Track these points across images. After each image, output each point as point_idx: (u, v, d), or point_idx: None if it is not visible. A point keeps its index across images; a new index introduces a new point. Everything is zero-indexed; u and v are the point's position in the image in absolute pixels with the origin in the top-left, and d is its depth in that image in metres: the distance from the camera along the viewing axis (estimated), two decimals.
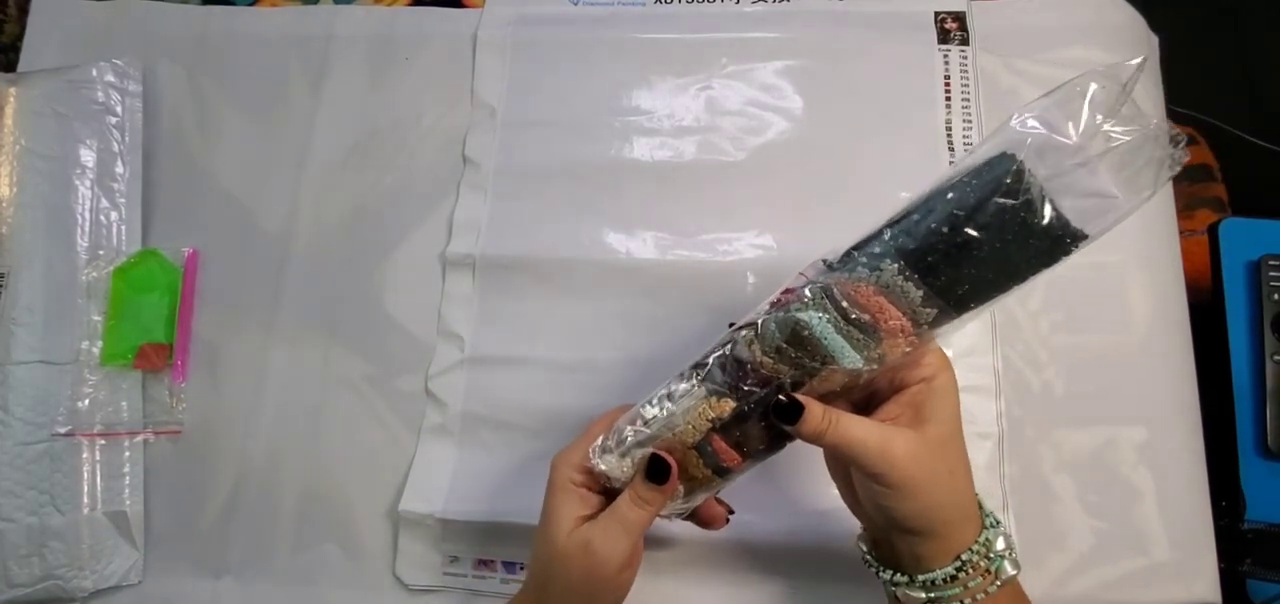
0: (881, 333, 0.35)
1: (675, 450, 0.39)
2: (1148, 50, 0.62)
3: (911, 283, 0.34)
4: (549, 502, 0.41)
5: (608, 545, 0.38)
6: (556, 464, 0.41)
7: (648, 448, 0.39)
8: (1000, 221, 0.33)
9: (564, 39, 0.65)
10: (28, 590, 0.54)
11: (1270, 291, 0.59)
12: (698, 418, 0.38)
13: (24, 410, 0.56)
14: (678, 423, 0.38)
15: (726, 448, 0.38)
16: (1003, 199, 0.32)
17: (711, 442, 0.38)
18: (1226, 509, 0.55)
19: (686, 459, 0.39)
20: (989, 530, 0.37)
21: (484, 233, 0.60)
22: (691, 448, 0.39)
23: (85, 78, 0.63)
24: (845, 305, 0.35)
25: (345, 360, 0.59)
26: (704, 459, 0.39)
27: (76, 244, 0.60)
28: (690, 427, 0.38)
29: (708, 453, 0.39)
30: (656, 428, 0.39)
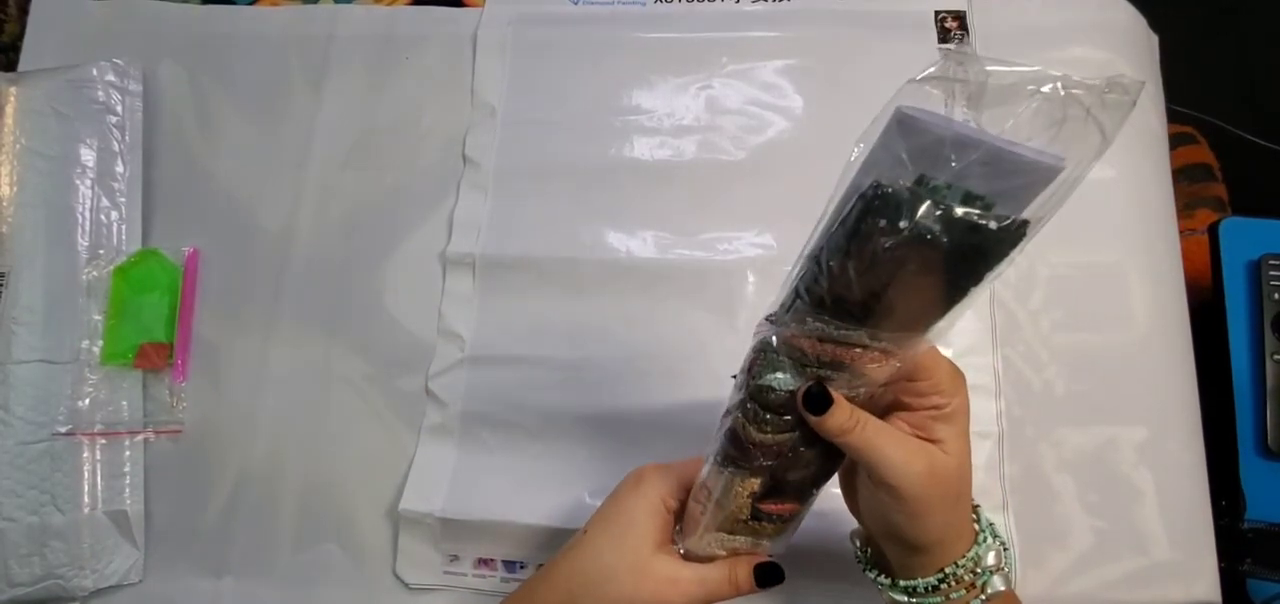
0: (848, 366, 0.33)
1: (737, 526, 0.38)
2: (1148, 50, 0.62)
3: (844, 326, 0.32)
4: (633, 506, 0.39)
5: (692, 594, 0.38)
6: (651, 477, 0.40)
7: (715, 534, 0.39)
8: (898, 254, 0.28)
9: (564, 39, 0.65)
10: (28, 589, 0.54)
11: (1270, 291, 0.59)
12: (738, 499, 0.37)
13: (25, 410, 0.56)
14: (727, 506, 0.37)
15: (779, 506, 0.38)
16: (888, 235, 0.28)
17: (762, 507, 0.38)
18: (1226, 509, 0.55)
19: (752, 527, 0.39)
20: (980, 546, 0.36)
21: (484, 232, 0.60)
22: (749, 520, 0.38)
23: (86, 77, 0.63)
24: (801, 352, 0.33)
25: (345, 360, 0.59)
26: (768, 521, 0.38)
27: (77, 243, 0.60)
28: (738, 507, 0.37)
29: (765, 517, 0.38)
30: (711, 517, 0.38)
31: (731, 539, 0.39)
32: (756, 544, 0.39)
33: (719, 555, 0.39)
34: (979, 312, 0.56)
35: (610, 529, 0.39)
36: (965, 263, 0.29)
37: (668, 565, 0.38)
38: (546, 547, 0.54)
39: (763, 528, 0.39)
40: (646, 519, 0.39)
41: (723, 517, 0.38)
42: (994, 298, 0.56)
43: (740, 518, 0.38)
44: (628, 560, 0.38)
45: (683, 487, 0.40)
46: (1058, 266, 0.57)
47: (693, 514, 0.39)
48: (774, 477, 0.37)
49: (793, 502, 0.38)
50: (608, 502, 0.41)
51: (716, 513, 0.38)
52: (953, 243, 0.27)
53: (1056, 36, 0.62)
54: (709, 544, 0.39)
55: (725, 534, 0.39)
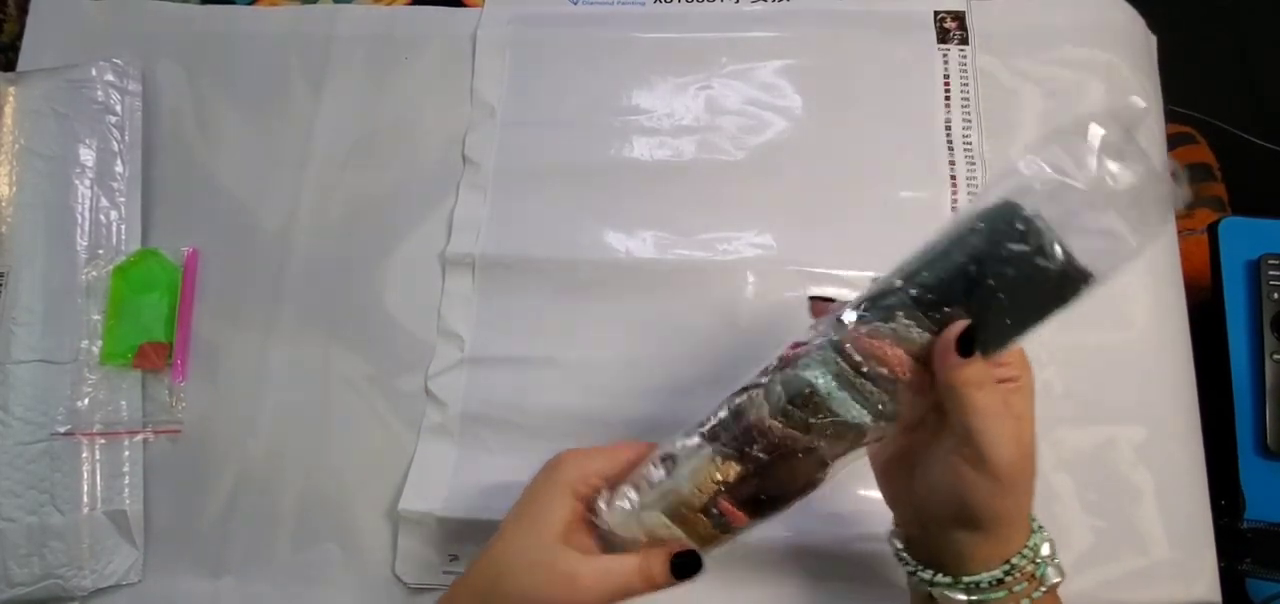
0: (897, 384, 0.34)
1: (682, 513, 0.37)
2: (1147, 50, 0.62)
3: (927, 333, 0.34)
4: (543, 494, 0.38)
5: (593, 591, 0.36)
6: (566, 462, 0.38)
7: (655, 512, 0.37)
8: (1013, 268, 0.33)
9: (564, 39, 0.65)
10: (28, 589, 0.54)
11: (1270, 291, 0.59)
12: (704, 481, 0.36)
13: (24, 410, 0.56)
14: (684, 486, 0.36)
15: (733, 510, 0.37)
16: (1015, 245, 0.33)
17: (718, 504, 0.37)
18: (1226, 508, 0.55)
19: (694, 521, 0.37)
20: (1037, 534, 0.36)
21: (484, 232, 0.60)
22: (699, 511, 0.37)
23: (85, 77, 0.63)
24: (857, 358, 0.34)
25: (345, 360, 0.59)
26: (712, 521, 0.37)
27: (76, 243, 0.60)
28: (696, 490, 0.36)
29: (715, 515, 0.37)
30: (662, 492, 0.37)
31: (665, 526, 0.37)
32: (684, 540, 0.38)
33: (638, 540, 0.37)
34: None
35: (521, 520, 0.38)
36: (1052, 294, 0.34)
37: (569, 561, 0.36)
38: None
39: (705, 527, 0.37)
40: (555, 507, 0.37)
41: (674, 498, 0.37)
42: None
43: (692, 506, 0.37)
44: (531, 555, 0.36)
45: (601, 474, 0.38)
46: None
47: (637, 483, 0.38)
48: (753, 473, 0.36)
49: (750, 513, 0.37)
50: (525, 489, 0.39)
51: (669, 491, 0.37)
52: (1057, 270, 0.33)
53: (1056, 36, 0.62)
54: (637, 523, 0.37)
55: (662, 519, 0.37)
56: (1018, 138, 0.60)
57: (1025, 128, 0.60)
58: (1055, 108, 0.60)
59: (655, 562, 0.36)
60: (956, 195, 0.59)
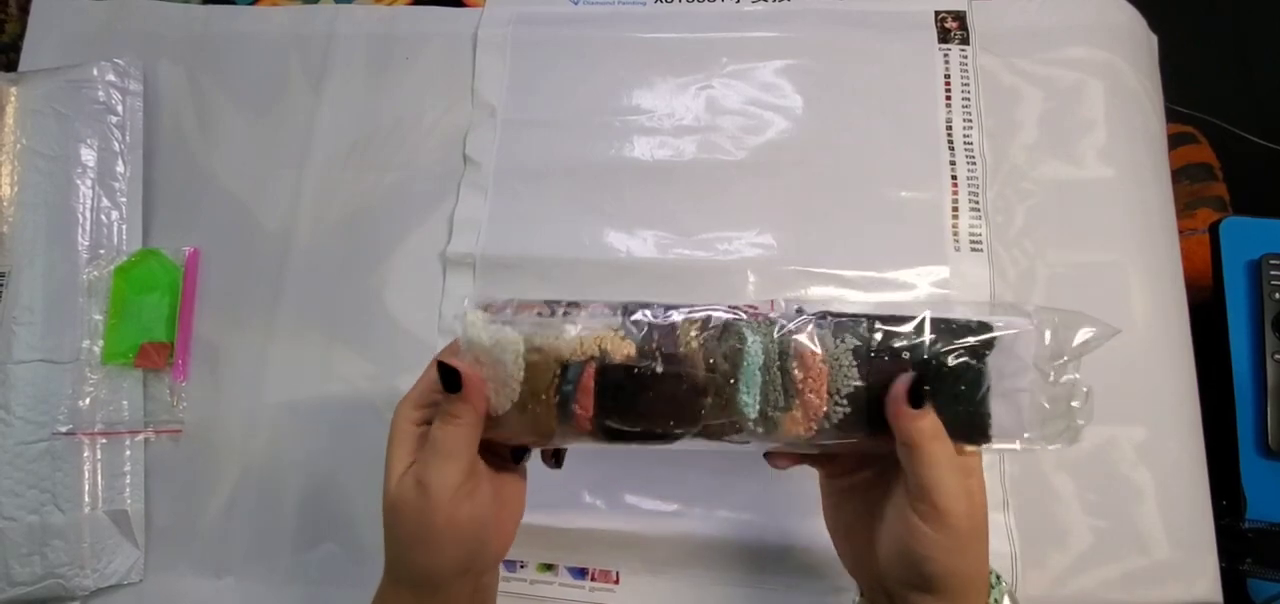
0: (797, 397, 0.35)
1: (542, 359, 0.35)
2: (1148, 50, 0.62)
3: (854, 373, 0.35)
4: (387, 455, 0.36)
5: (437, 477, 0.34)
6: (396, 411, 0.37)
7: (514, 332, 0.35)
8: (953, 385, 0.35)
9: (564, 38, 0.65)
10: (29, 589, 0.54)
11: (1271, 291, 0.59)
12: (589, 340, 0.35)
13: (25, 409, 0.56)
14: (565, 331, 0.35)
15: (588, 392, 0.35)
16: (962, 372, 0.35)
17: (582, 373, 0.34)
18: (1227, 508, 0.55)
19: (544, 374, 0.35)
20: (995, 589, 0.36)
21: (484, 232, 0.60)
22: (557, 369, 0.34)
23: (86, 77, 0.63)
24: (787, 349, 0.35)
25: (346, 359, 0.59)
26: (560, 387, 0.35)
27: (77, 243, 0.60)
28: (576, 344, 0.34)
29: (567, 389, 0.35)
30: (541, 324, 0.35)
31: (514, 351, 0.35)
32: (531, 425, 0.36)
33: (477, 360, 0.35)
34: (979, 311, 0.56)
35: (382, 488, 0.36)
36: (963, 428, 0.36)
37: (409, 477, 0.35)
38: (546, 546, 0.54)
39: (546, 389, 0.35)
40: (393, 455, 0.36)
41: (546, 335, 0.35)
42: (994, 297, 0.56)
43: (556, 355, 0.35)
44: (389, 498, 0.35)
45: (425, 397, 0.37)
46: (1058, 266, 0.57)
47: (524, 314, 0.36)
48: (634, 373, 0.34)
49: (597, 410, 0.35)
50: None
51: (548, 326, 0.35)
52: (976, 405, 0.36)
53: (1056, 36, 0.62)
54: (487, 334, 0.35)
55: (516, 342, 0.35)
56: (1018, 138, 0.60)
57: (1026, 128, 0.60)
58: (1055, 108, 0.60)
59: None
60: (957, 195, 0.59)
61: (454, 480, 0.34)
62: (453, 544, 0.35)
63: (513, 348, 0.35)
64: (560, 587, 0.54)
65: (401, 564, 0.36)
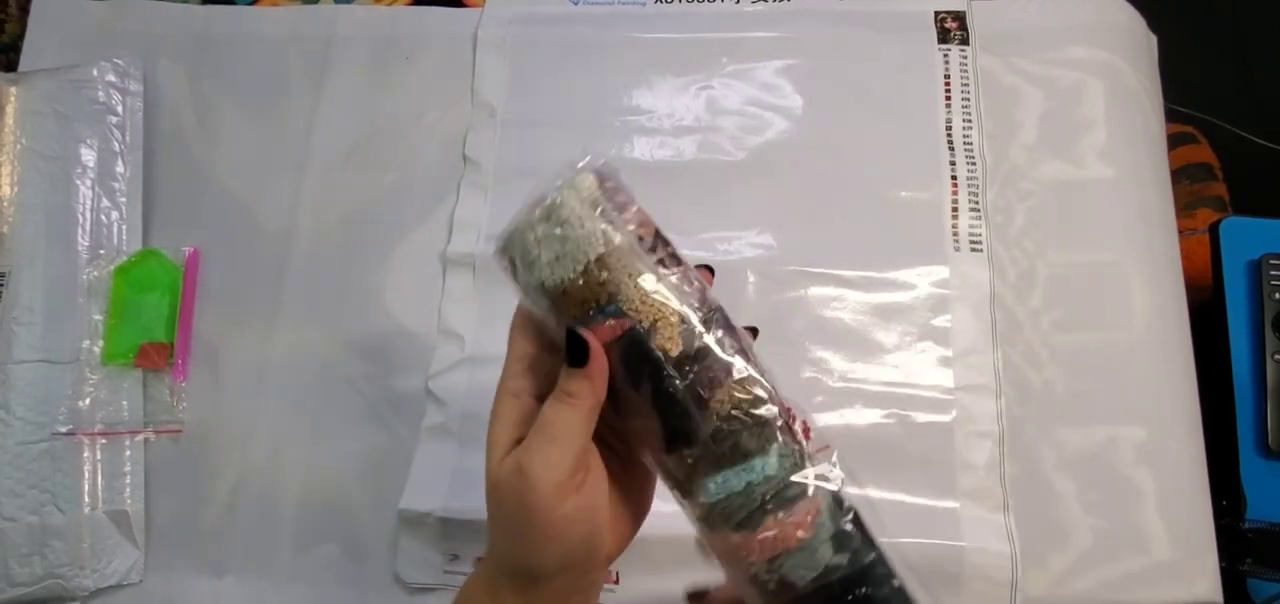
0: (752, 538, 0.31)
1: (601, 281, 0.30)
2: (1148, 50, 0.62)
3: (820, 562, 0.30)
4: (489, 427, 0.32)
5: (540, 463, 0.30)
6: (503, 375, 0.33)
7: (607, 236, 0.31)
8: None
9: (564, 39, 0.65)
10: (29, 589, 0.54)
11: (1271, 291, 0.59)
12: (649, 302, 0.31)
13: (25, 410, 0.56)
14: (641, 277, 0.31)
15: (610, 330, 0.31)
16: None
17: (603, 326, 0.30)
18: (1227, 508, 0.55)
19: (587, 292, 0.31)
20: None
21: (484, 232, 0.60)
22: (603, 298, 0.30)
23: (86, 77, 0.63)
24: (789, 499, 0.31)
25: (345, 359, 0.59)
26: (581, 317, 0.31)
27: (77, 243, 0.60)
28: (638, 296, 0.30)
29: (589, 320, 0.31)
30: (635, 252, 0.31)
31: (551, 275, 0.31)
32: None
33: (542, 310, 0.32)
34: (979, 311, 0.56)
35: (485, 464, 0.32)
36: None
37: (511, 459, 0.31)
38: None
39: (557, 321, 0.31)
40: (495, 429, 0.32)
41: (585, 289, 0.31)
42: (994, 297, 0.56)
43: (584, 303, 0.31)
44: (490, 479, 0.31)
45: (531, 364, 0.33)
46: (1057, 266, 0.57)
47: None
48: (659, 379, 0.30)
49: (616, 363, 0.31)
50: None
51: (593, 281, 0.31)
52: None
53: (1056, 36, 0.62)
54: (533, 234, 0.32)
55: (560, 263, 0.31)
56: (1018, 138, 0.60)
57: (1026, 128, 0.60)
58: (1055, 108, 0.60)
59: (562, 372, 0.31)
60: (957, 195, 0.59)
61: (561, 470, 0.30)
62: (554, 540, 0.30)
63: (594, 247, 0.31)
64: None
65: (499, 550, 0.32)
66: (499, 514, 0.31)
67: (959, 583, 0.50)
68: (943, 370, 0.55)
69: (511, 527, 0.31)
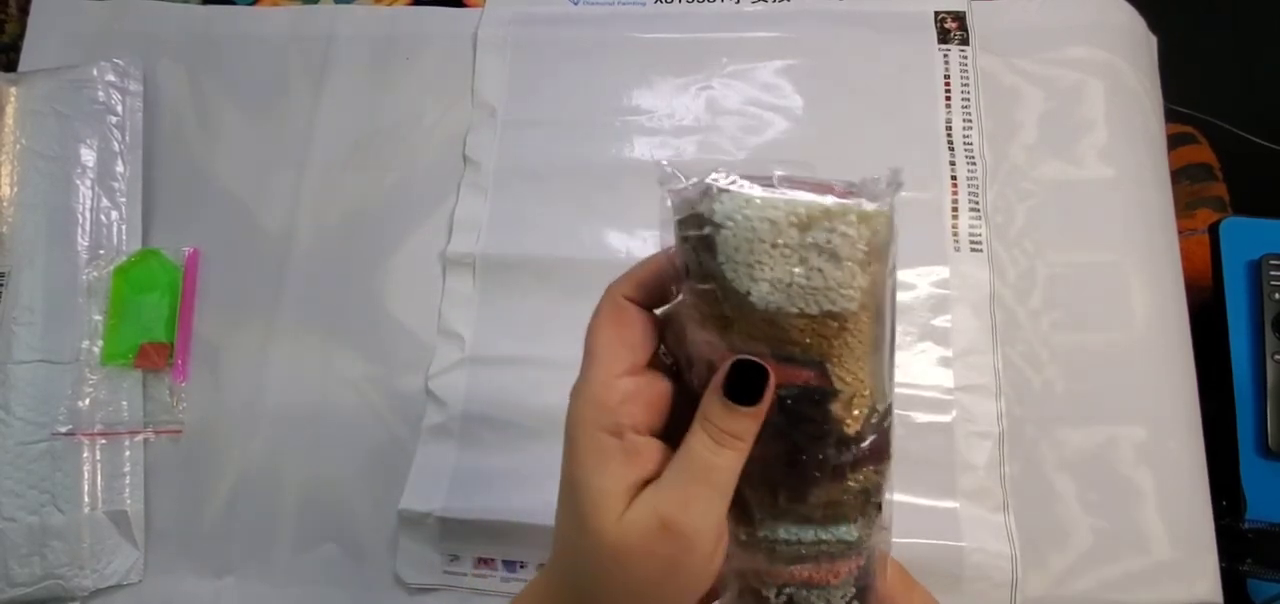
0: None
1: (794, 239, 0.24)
2: (1148, 50, 0.62)
3: (850, 589, 0.29)
4: (576, 469, 0.26)
5: (699, 516, 0.24)
6: (581, 399, 0.27)
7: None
8: None
9: (564, 39, 0.65)
10: (28, 589, 0.54)
11: (1271, 291, 0.59)
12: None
13: (25, 410, 0.56)
14: (881, 373, 0.26)
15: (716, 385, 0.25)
16: None
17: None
18: (1227, 508, 0.55)
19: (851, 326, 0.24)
20: None
21: (484, 232, 0.60)
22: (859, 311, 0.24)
23: (86, 77, 0.63)
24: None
25: (345, 360, 0.59)
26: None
27: (77, 244, 0.60)
28: (882, 378, 0.26)
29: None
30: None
31: (769, 231, 0.25)
32: None
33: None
34: (979, 311, 0.56)
35: (568, 508, 0.27)
36: None
37: (644, 513, 0.25)
38: (546, 547, 0.54)
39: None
40: (595, 474, 0.26)
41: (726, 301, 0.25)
42: (994, 297, 0.56)
43: (857, 294, 0.25)
44: (608, 541, 0.25)
45: (626, 378, 0.26)
46: (1057, 266, 0.57)
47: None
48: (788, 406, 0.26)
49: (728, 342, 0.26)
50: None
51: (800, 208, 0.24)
52: None
53: (1056, 37, 0.62)
54: (747, 207, 0.25)
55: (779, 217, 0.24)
56: (1018, 138, 0.60)
57: (1026, 128, 0.60)
58: (1055, 108, 0.60)
59: (712, 402, 0.25)
60: (956, 195, 0.59)
61: (720, 523, 0.25)
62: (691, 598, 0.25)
63: (847, 302, 0.25)
64: None
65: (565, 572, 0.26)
66: (627, 585, 0.25)
67: (959, 583, 0.50)
68: (942, 370, 0.55)
69: (644, 593, 0.25)
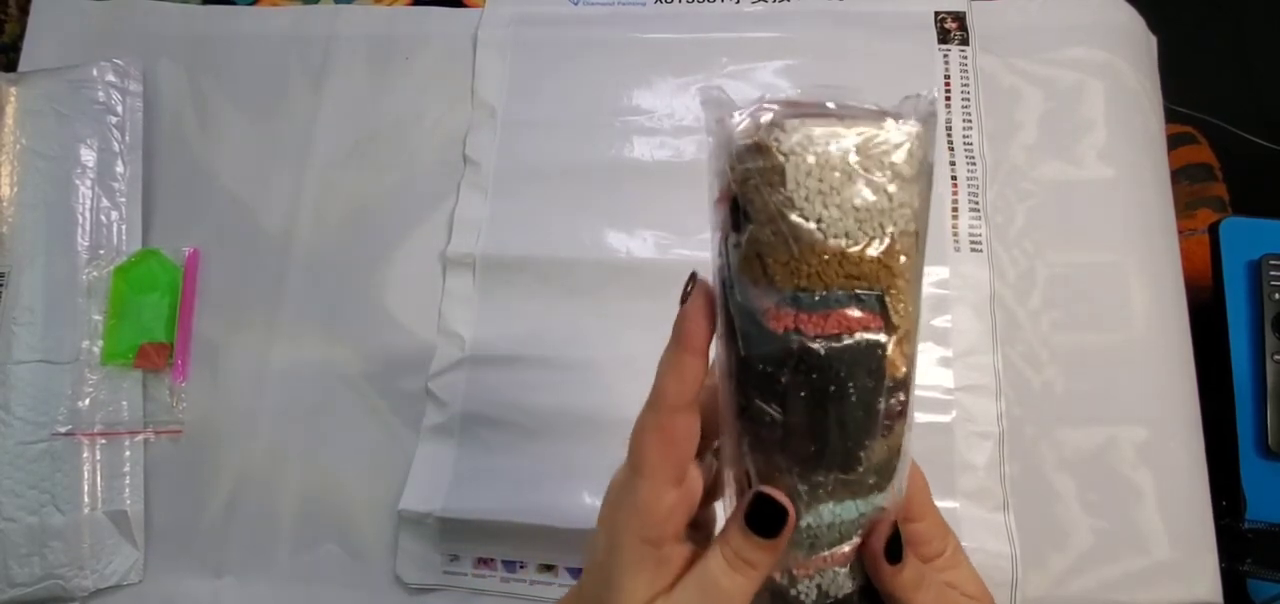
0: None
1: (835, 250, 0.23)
2: (1148, 50, 0.62)
3: (852, 572, 0.27)
4: (614, 570, 0.27)
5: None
6: (627, 509, 0.27)
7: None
8: None
9: (564, 39, 0.65)
10: (28, 590, 0.54)
11: (1271, 291, 0.59)
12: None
13: (25, 410, 0.56)
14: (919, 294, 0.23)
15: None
16: None
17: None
18: (1227, 509, 0.55)
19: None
20: None
21: (484, 232, 0.60)
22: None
23: (86, 77, 0.63)
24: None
25: (345, 360, 0.59)
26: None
27: (77, 244, 0.60)
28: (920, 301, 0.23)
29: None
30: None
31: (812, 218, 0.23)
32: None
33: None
34: (979, 311, 0.56)
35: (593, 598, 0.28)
36: None
37: None
38: (546, 547, 0.54)
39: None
40: (627, 577, 0.27)
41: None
42: (994, 297, 0.56)
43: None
44: None
45: (667, 506, 0.27)
46: (1057, 266, 0.57)
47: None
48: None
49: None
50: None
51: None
52: None
53: (1056, 37, 0.62)
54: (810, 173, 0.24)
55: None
56: (1018, 138, 0.60)
57: (1025, 128, 0.60)
58: (1055, 108, 0.60)
59: (733, 531, 0.26)
60: (956, 195, 0.59)
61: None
62: None
63: (909, 220, 0.23)
64: (560, 587, 0.54)
65: None
66: None
67: None
68: (943, 371, 0.55)
69: None
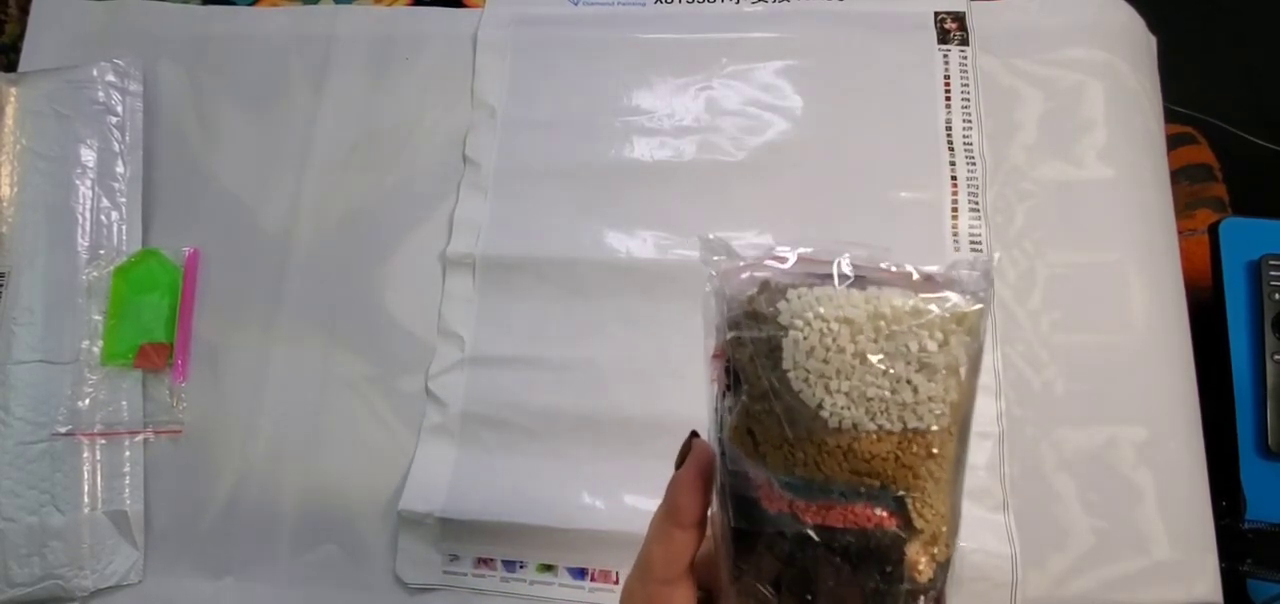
0: None
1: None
2: (1147, 50, 0.62)
3: None
4: None
5: None
6: (638, 600, 0.27)
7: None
8: None
9: (564, 39, 0.65)
10: (28, 590, 0.54)
11: (1271, 291, 0.59)
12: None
13: (24, 410, 0.56)
14: (957, 505, 0.21)
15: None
16: None
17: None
18: (1227, 509, 0.55)
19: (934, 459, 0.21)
20: None
21: (484, 233, 0.60)
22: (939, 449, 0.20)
23: (86, 77, 0.63)
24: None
25: (345, 360, 0.59)
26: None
27: (77, 244, 0.60)
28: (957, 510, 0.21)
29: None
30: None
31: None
32: None
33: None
34: None
35: None
36: None
37: None
38: (546, 547, 0.54)
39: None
40: None
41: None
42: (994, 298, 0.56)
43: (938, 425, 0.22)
44: None
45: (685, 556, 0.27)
46: (1057, 266, 0.57)
47: None
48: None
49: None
50: None
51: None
52: None
53: (1056, 37, 0.62)
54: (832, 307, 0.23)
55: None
56: (1018, 138, 0.60)
57: (1025, 128, 0.60)
58: (1055, 108, 0.60)
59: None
60: (956, 195, 0.59)
61: None
62: None
63: (937, 418, 0.21)
64: (560, 587, 0.54)
65: None
66: None
67: (958, 583, 0.49)
68: None
69: None
